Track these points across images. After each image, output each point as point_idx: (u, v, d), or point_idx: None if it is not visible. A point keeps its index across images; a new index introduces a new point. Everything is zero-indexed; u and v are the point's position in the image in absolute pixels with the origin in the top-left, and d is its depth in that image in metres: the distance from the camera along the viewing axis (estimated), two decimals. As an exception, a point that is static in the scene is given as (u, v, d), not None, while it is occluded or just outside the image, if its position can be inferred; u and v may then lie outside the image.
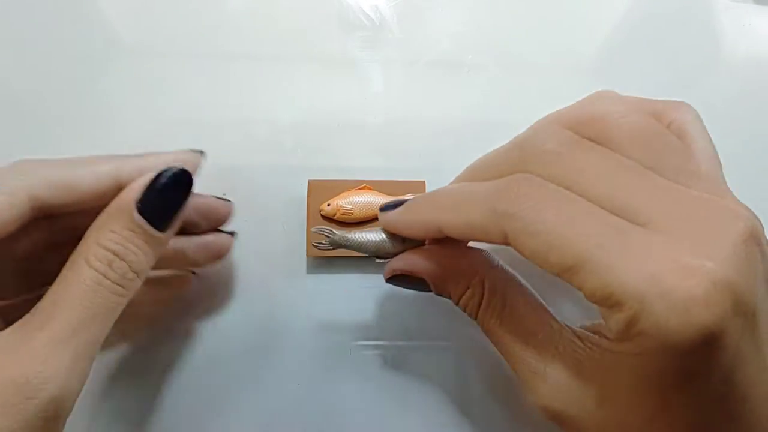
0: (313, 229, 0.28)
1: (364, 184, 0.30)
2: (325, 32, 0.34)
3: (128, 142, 0.28)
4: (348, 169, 0.31)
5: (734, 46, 0.35)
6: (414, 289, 0.26)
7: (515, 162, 0.22)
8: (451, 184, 0.26)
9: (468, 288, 0.24)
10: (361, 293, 0.30)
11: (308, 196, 0.30)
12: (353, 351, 0.29)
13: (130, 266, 0.22)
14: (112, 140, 0.31)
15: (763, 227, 0.20)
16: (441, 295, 0.25)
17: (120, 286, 0.22)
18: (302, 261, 0.30)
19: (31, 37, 0.33)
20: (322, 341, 0.29)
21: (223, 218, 0.28)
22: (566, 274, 0.19)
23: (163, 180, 0.22)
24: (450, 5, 0.35)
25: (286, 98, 0.33)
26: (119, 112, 0.32)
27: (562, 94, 0.34)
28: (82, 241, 0.22)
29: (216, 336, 0.29)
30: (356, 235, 0.27)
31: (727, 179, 0.26)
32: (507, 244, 0.21)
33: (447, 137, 0.33)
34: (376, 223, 0.29)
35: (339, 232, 0.27)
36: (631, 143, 0.21)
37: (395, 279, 0.26)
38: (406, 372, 0.29)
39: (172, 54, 0.33)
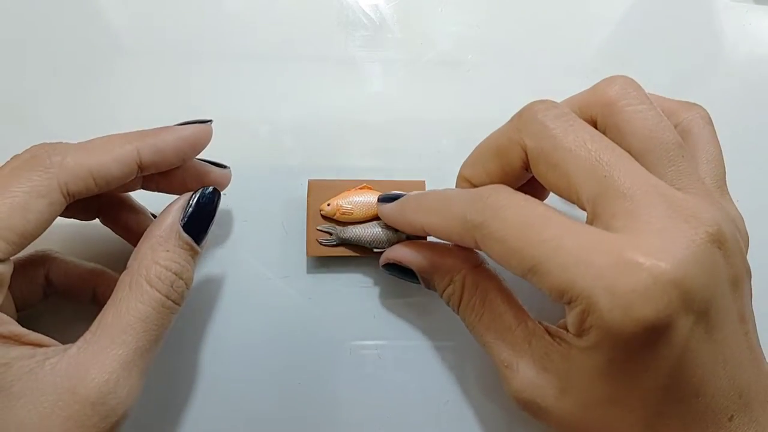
0: (317, 228, 0.29)
1: (364, 184, 0.30)
2: (325, 32, 0.34)
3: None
4: (348, 169, 0.31)
5: (734, 46, 0.35)
6: (405, 279, 0.28)
7: (511, 130, 0.24)
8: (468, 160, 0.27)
9: (450, 284, 0.26)
10: (361, 293, 0.30)
11: (308, 196, 0.30)
12: (353, 351, 0.29)
13: (186, 283, 0.24)
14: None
15: (738, 231, 0.21)
16: (429, 288, 0.27)
17: (178, 304, 0.23)
18: (302, 261, 0.30)
19: (32, 38, 0.33)
20: (322, 341, 0.29)
21: (220, 185, 0.28)
22: (527, 275, 0.20)
23: (200, 200, 0.25)
24: (450, 5, 0.35)
25: (286, 98, 0.33)
26: (119, 112, 0.32)
27: (562, 94, 0.34)
28: (137, 261, 0.23)
29: (215, 336, 0.29)
30: (356, 229, 0.29)
31: (727, 178, 0.26)
32: (477, 248, 0.23)
33: (447, 137, 0.33)
34: (374, 221, 0.29)
35: (340, 228, 0.29)
36: (633, 133, 0.22)
37: (388, 267, 0.28)
38: (406, 372, 0.29)
39: (172, 54, 0.33)
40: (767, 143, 0.34)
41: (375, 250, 0.29)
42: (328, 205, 0.29)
